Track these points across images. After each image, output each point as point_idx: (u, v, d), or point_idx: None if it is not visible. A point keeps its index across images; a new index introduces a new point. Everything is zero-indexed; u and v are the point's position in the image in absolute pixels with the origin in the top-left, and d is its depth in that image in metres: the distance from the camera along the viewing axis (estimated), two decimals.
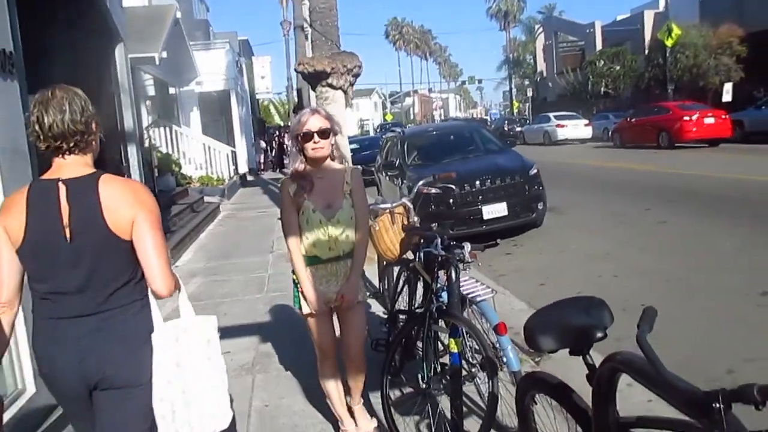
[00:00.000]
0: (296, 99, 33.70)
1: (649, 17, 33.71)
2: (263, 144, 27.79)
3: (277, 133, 35.29)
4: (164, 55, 14.49)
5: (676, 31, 25.57)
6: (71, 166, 2.13)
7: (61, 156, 2.12)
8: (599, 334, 1.74)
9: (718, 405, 1.19)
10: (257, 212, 13.60)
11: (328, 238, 2.98)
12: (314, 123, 2.94)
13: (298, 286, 3.10)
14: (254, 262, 8.26)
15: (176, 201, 11.95)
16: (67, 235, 2.04)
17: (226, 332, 5.39)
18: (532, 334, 1.93)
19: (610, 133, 25.92)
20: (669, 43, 25.88)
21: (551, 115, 31.81)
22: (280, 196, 8.13)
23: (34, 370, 3.90)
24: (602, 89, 34.42)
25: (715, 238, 7.66)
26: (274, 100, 51.96)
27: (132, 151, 7.17)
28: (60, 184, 2.07)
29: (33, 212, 2.05)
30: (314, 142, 2.94)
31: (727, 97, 24.61)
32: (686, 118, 20.41)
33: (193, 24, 25.42)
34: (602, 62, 34.57)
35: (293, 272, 3.10)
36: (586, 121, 30.10)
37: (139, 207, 2.09)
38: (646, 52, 31.75)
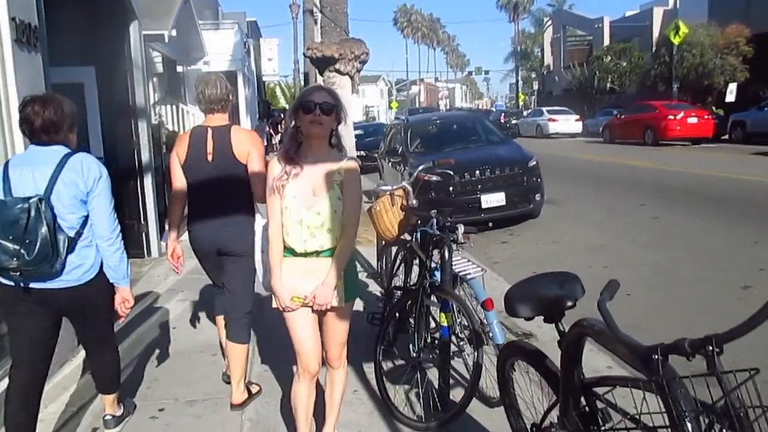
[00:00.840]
0: (303, 82, 33.86)
1: (658, 14, 33.71)
2: (267, 127, 27.87)
3: (282, 116, 35.37)
4: (174, 33, 14.62)
5: (684, 29, 25.62)
6: (216, 119, 3.52)
7: (211, 113, 3.52)
8: (569, 303, 1.97)
9: (656, 356, 1.41)
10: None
11: (303, 229, 2.64)
12: (318, 95, 2.62)
13: None
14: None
15: None
16: (209, 158, 3.43)
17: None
18: (511, 303, 2.15)
19: (600, 129, 26.78)
20: (676, 41, 25.94)
21: (544, 109, 33.12)
22: None
23: None
24: (608, 85, 34.47)
25: (704, 234, 7.88)
26: (281, 83, 51.99)
27: (143, 127, 7.35)
28: (209, 129, 3.48)
29: (192, 144, 3.48)
30: (314, 115, 2.58)
31: (730, 97, 24.72)
32: (671, 117, 21.49)
33: (202, 3, 25.49)
34: (609, 58, 34.59)
35: None
36: (577, 117, 31.27)
37: (253, 146, 3.44)
38: (654, 49, 31.78)
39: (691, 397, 1.42)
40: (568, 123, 30.84)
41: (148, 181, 7.50)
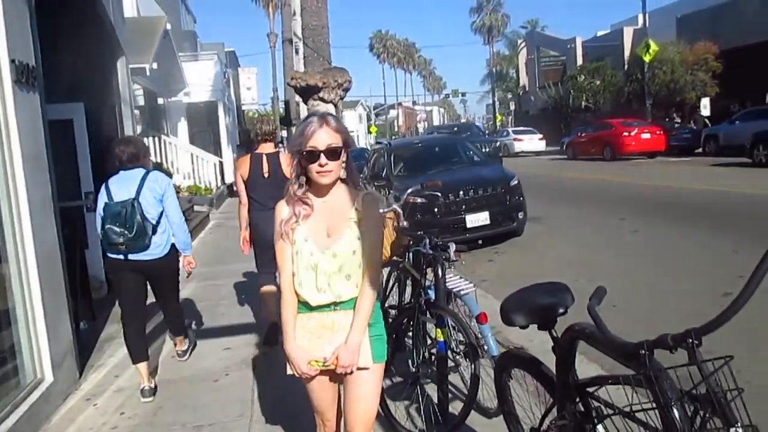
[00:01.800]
0: (282, 111, 34.09)
1: (628, 33, 34.59)
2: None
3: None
4: (155, 66, 14.83)
5: (654, 47, 26.35)
6: (268, 147, 5.19)
7: (264, 143, 5.18)
8: (561, 310, 2.13)
9: (643, 351, 1.58)
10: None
11: (318, 276, 2.28)
12: (322, 138, 2.23)
13: None
14: (247, 268, 8.58)
15: None
16: (265, 175, 5.03)
17: (226, 331, 5.77)
18: (507, 313, 2.30)
19: (564, 146, 28.85)
20: (647, 58, 26.66)
21: (510, 129, 36.85)
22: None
23: (52, 359, 4.22)
24: (583, 103, 35.18)
25: (684, 245, 8.14)
26: (259, 111, 52.26)
27: None
28: (263, 155, 5.11)
29: (252, 165, 5.08)
30: (320, 165, 2.23)
31: (704, 111, 25.40)
32: (626, 133, 23.36)
33: (180, 35, 25.76)
34: (583, 77, 35.36)
35: None
36: (540, 136, 33.92)
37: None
38: (626, 67, 32.59)
39: (676, 387, 1.58)
40: (532, 142, 33.64)
41: None
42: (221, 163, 22.32)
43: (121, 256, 4.26)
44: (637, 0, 28.95)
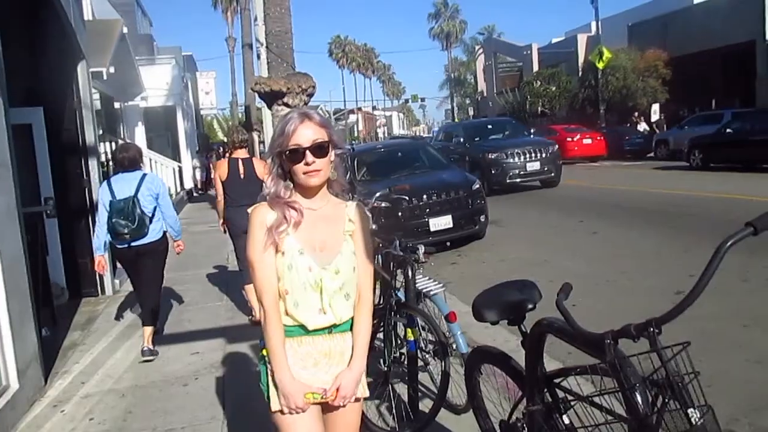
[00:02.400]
0: (242, 115, 33.83)
1: (582, 40, 35.41)
2: (208, 162, 27.41)
3: (221, 149, 35.22)
4: (111, 69, 14.59)
5: (607, 54, 27.11)
6: (242, 153, 6.19)
7: (239, 149, 6.15)
8: (530, 306, 2.26)
9: (608, 341, 1.70)
10: (208, 227, 13.77)
11: (324, 296, 2.00)
12: (305, 134, 1.97)
13: (268, 365, 2.05)
14: (211, 274, 8.56)
15: None
16: (241, 176, 5.92)
17: (194, 335, 5.77)
18: (478, 310, 2.41)
19: None
20: (600, 65, 27.40)
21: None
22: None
23: (17, 366, 4.18)
24: (539, 109, 35.86)
25: (639, 246, 8.44)
26: (218, 116, 51.77)
27: (93, 165, 7.39)
28: (239, 159, 6.04)
29: (230, 168, 5.95)
30: (307, 164, 1.97)
31: (655, 116, 26.25)
32: (569, 139, 24.29)
33: (137, 38, 25.34)
34: (539, 83, 36.05)
35: (262, 344, 2.08)
36: None
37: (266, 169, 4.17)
38: (580, 73, 33.37)
39: (638, 373, 1.71)
40: None
41: None
42: (180, 168, 22.07)
43: (126, 245, 5.19)
44: (590, 7, 29.59)
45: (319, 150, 1.99)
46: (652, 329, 1.58)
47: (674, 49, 26.75)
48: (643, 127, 27.05)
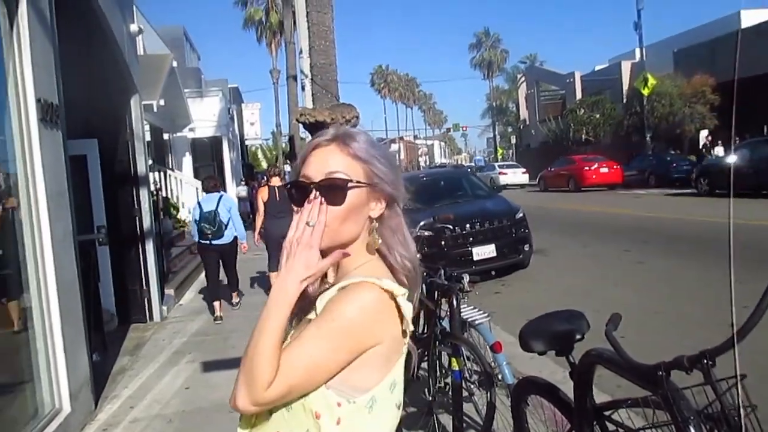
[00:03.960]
0: (285, 145, 34.39)
1: (626, 67, 35.07)
2: (254, 190, 27.56)
3: (265, 178, 35.76)
4: (162, 102, 15.11)
5: (652, 80, 26.75)
6: (276, 180, 8.34)
7: (272, 177, 8.52)
8: (578, 336, 2.23)
9: (661, 373, 1.67)
10: (252, 254, 13.95)
11: None
12: (318, 163, 1.25)
13: None
14: (255, 301, 8.66)
15: (175, 243, 12.36)
16: (277, 199, 7.94)
17: (238, 362, 5.80)
18: (526, 340, 2.40)
19: (537, 179, 31.73)
20: (645, 92, 27.05)
21: (496, 164, 40.92)
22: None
23: (70, 390, 4.29)
24: (583, 136, 35.51)
25: (687, 276, 8.22)
26: (262, 146, 52.78)
27: (144, 196, 7.62)
28: (276, 187, 8.12)
29: (270, 193, 8.11)
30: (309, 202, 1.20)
31: (703, 143, 25.68)
32: (586, 168, 26.34)
33: (186, 72, 26.18)
34: (582, 110, 35.75)
35: None
36: (524, 170, 37.16)
37: None
38: (624, 100, 32.97)
39: (692, 406, 1.67)
40: (516, 175, 36.92)
41: (149, 247, 7.70)
42: None
43: (208, 242, 7.81)
44: (633, 35, 29.35)
45: (330, 191, 1.21)
46: (706, 361, 1.55)
47: (722, 75, 26.24)
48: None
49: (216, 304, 7.77)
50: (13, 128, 4.11)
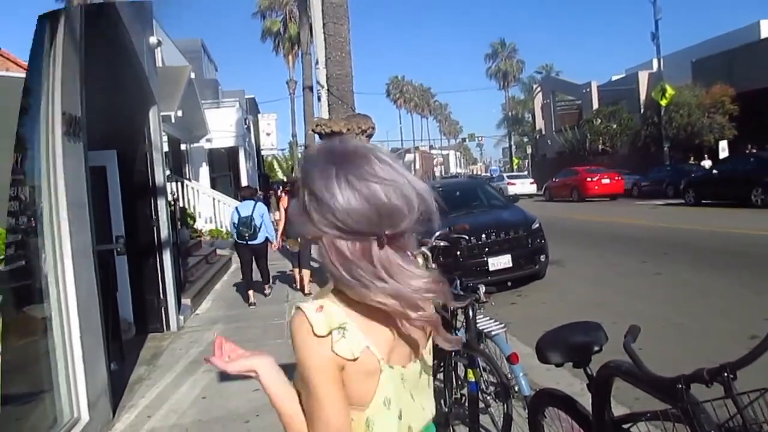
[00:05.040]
0: (302, 156, 34.51)
1: (643, 77, 34.90)
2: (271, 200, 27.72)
3: (281, 189, 35.93)
4: (179, 113, 15.28)
5: (670, 91, 26.60)
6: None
7: (288, 192, 10.27)
8: (596, 348, 2.22)
9: (680, 386, 1.65)
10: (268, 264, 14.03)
11: None
12: None
13: None
14: (271, 310, 8.69)
15: (191, 253, 12.43)
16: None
17: None
18: (543, 351, 2.38)
19: (543, 189, 32.88)
20: (663, 102, 26.89)
21: (505, 175, 42.68)
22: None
23: (89, 399, 4.32)
24: (600, 147, 35.33)
25: (707, 288, 8.12)
26: (277, 156, 53.03)
27: (161, 206, 7.68)
28: (290, 198, 9.82)
29: (290, 200, 9.70)
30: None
31: (723, 154, 25.43)
32: (589, 179, 27.29)
33: (203, 83, 26.47)
34: (599, 120, 35.58)
35: None
36: (532, 180, 38.52)
37: None
38: (642, 110, 32.78)
39: (712, 420, 1.65)
40: (524, 185, 37.88)
41: (167, 257, 7.75)
42: None
43: (244, 242, 9.20)
44: (650, 45, 29.23)
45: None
46: (726, 374, 1.53)
47: (741, 85, 26.03)
48: (708, 164, 26.25)
49: (250, 292, 9.30)
50: (41, 141, 4.18)
